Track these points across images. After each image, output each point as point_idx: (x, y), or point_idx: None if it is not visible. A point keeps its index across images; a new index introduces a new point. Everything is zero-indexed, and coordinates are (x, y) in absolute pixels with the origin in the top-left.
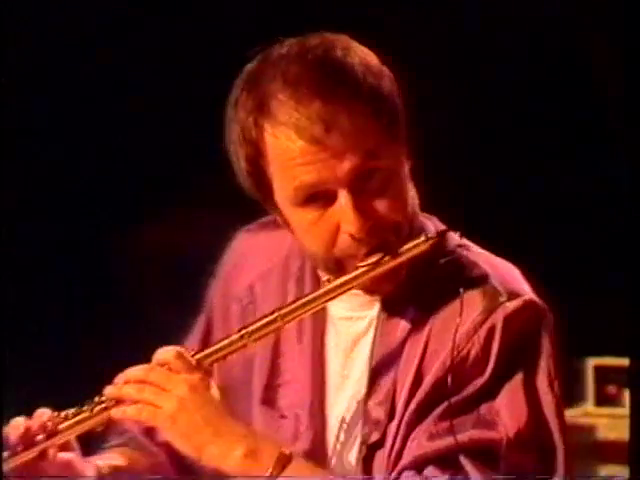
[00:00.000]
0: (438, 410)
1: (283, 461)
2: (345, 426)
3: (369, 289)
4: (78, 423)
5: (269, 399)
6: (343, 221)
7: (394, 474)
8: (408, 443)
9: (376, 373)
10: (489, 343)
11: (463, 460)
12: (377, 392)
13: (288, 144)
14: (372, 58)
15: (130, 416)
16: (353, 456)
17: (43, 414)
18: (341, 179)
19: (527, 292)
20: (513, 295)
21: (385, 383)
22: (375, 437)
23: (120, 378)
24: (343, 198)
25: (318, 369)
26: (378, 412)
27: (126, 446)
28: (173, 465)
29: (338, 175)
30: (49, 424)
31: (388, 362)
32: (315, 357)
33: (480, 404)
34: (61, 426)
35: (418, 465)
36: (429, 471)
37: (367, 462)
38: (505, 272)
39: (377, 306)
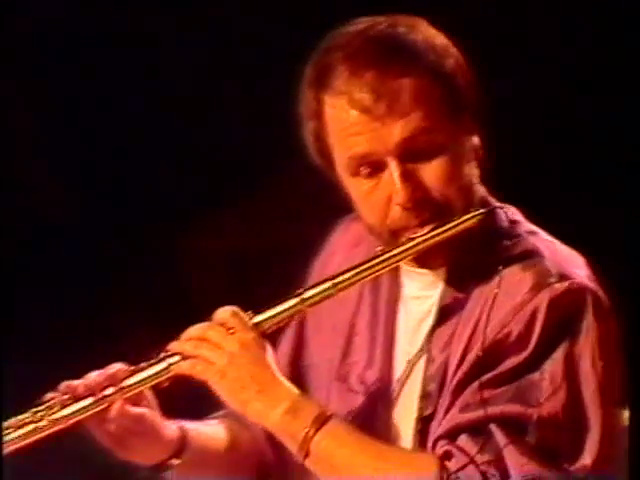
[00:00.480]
0: (476, 382)
1: (321, 419)
2: (407, 401)
3: (421, 262)
4: (145, 377)
5: (343, 375)
6: (393, 191)
7: (430, 443)
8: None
9: (433, 349)
10: (533, 321)
11: (493, 428)
12: (432, 367)
13: (342, 114)
14: (439, 39)
15: (185, 370)
16: (411, 430)
17: (113, 367)
18: (391, 149)
19: (579, 276)
20: (563, 277)
21: (439, 358)
22: (428, 410)
23: (183, 335)
24: (393, 168)
25: (388, 347)
26: (431, 386)
27: (226, 417)
28: (268, 440)
29: (388, 145)
30: (118, 377)
31: (445, 339)
32: (387, 335)
33: (519, 378)
34: (129, 381)
35: (451, 434)
36: (462, 439)
37: (422, 435)
38: (564, 258)
39: (441, 285)
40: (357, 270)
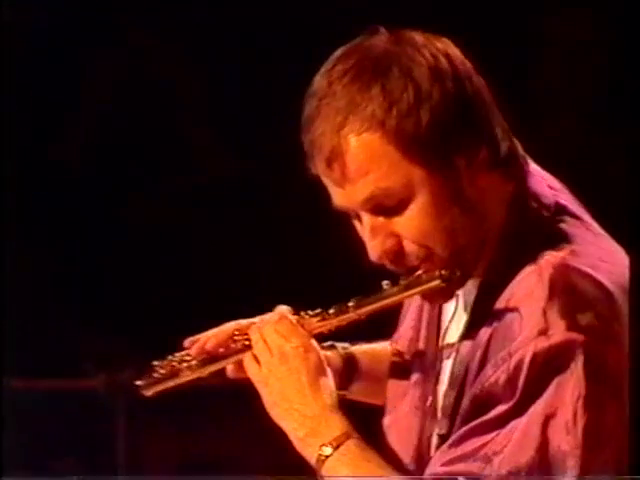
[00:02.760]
0: (457, 434)
1: (338, 442)
2: (438, 416)
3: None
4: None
5: (397, 371)
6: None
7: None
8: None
9: (457, 360)
10: (517, 374)
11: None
12: (452, 381)
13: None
14: (424, 69)
15: (244, 364)
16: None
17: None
18: (359, 206)
19: (576, 326)
20: (551, 330)
21: (458, 372)
22: (443, 430)
23: (259, 322)
24: (364, 222)
25: (433, 328)
26: (448, 401)
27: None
28: None
29: (354, 203)
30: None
31: (464, 355)
32: (432, 317)
33: (494, 430)
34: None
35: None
36: None
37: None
38: (576, 296)
39: (473, 293)
40: (370, 299)
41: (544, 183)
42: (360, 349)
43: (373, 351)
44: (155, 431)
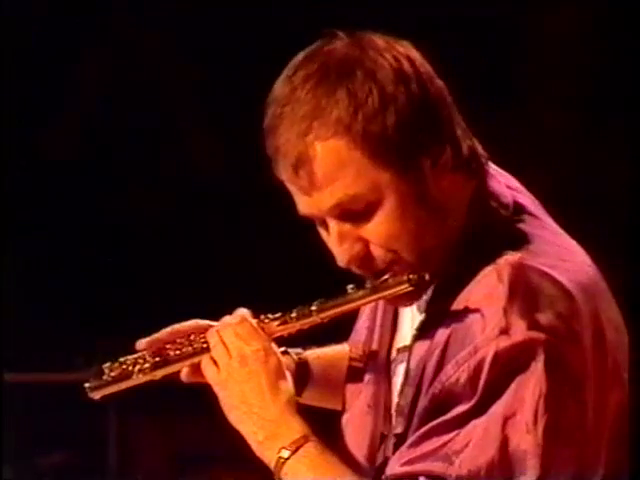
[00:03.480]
0: (417, 433)
1: (296, 445)
2: (393, 415)
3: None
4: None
5: (355, 371)
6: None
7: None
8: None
9: (412, 359)
10: (478, 373)
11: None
12: (408, 379)
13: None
14: (386, 71)
15: (201, 367)
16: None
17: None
18: (325, 213)
19: (536, 325)
20: (512, 329)
21: (415, 372)
22: (398, 430)
23: (218, 324)
24: (330, 228)
25: (388, 325)
26: (404, 401)
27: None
28: None
29: (321, 211)
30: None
31: (421, 354)
32: (386, 315)
33: (454, 430)
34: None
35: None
36: None
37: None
38: (533, 295)
39: (430, 292)
40: (330, 304)
41: (503, 183)
42: (313, 354)
43: (326, 355)
44: (147, 425)
